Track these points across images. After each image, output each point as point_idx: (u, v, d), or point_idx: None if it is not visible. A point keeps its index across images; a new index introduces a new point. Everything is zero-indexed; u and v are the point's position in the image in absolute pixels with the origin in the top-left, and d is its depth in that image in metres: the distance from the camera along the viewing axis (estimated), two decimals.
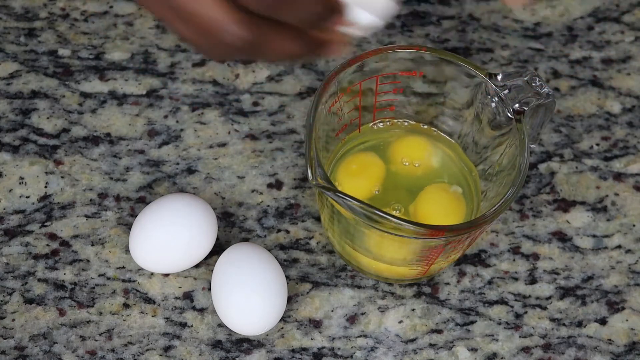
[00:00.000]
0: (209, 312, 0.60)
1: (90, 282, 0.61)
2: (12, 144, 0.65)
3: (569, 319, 0.62)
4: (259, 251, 0.59)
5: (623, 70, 0.70)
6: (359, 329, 0.60)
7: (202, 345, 0.59)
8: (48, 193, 0.64)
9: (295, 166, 0.65)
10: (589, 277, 0.63)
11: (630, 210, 0.65)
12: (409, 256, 0.58)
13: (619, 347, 0.61)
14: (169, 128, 0.66)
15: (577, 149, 0.67)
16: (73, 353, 0.59)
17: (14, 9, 0.70)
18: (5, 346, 0.59)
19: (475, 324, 0.61)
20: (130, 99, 0.67)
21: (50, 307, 0.60)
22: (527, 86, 0.58)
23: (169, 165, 0.65)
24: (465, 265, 0.63)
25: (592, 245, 0.64)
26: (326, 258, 0.62)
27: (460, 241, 0.56)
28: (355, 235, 0.58)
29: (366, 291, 0.62)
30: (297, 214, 0.64)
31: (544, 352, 0.60)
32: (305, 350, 0.60)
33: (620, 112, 0.69)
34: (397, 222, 0.53)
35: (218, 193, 0.64)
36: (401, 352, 0.60)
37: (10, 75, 0.67)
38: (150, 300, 0.61)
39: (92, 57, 0.68)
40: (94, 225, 0.63)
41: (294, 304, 0.61)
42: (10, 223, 0.62)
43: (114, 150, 0.65)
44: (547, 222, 0.64)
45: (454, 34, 0.71)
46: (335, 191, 0.53)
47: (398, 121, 0.63)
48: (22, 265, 0.61)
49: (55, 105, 0.66)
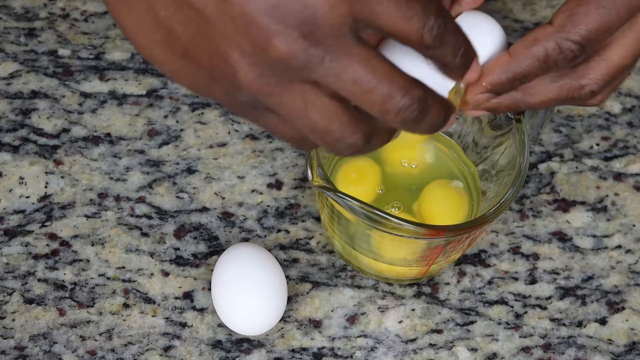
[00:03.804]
0: (209, 312, 0.60)
1: (90, 282, 0.61)
2: (12, 144, 0.65)
3: (569, 319, 0.62)
4: (259, 251, 0.59)
5: None
6: (359, 329, 0.60)
7: (202, 345, 0.59)
8: (48, 193, 0.64)
9: (295, 166, 0.65)
10: (589, 277, 0.63)
11: (630, 210, 0.65)
12: (409, 256, 0.58)
13: (619, 347, 0.61)
14: (169, 128, 0.66)
15: (577, 149, 0.67)
16: (73, 353, 0.59)
17: (14, 9, 0.70)
18: (5, 346, 0.59)
19: (475, 324, 0.61)
20: (130, 99, 0.67)
21: (50, 307, 0.60)
22: None
23: (169, 165, 0.65)
24: (465, 265, 0.63)
25: (592, 245, 0.64)
26: (326, 258, 0.62)
27: (460, 241, 0.56)
28: (355, 235, 0.58)
29: (366, 291, 0.62)
30: (297, 214, 0.64)
31: (544, 352, 0.60)
32: (305, 350, 0.60)
33: (620, 112, 0.69)
34: (397, 222, 0.53)
35: (218, 193, 0.64)
36: (401, 352, 0.60)
37: (10, 75, 0.67)
38: (150, 300, 0.61)
39: (92, 57, 0.68)
40: (94, 225, 0.63)
41: (294, 304, 0.61)
42: (10, 223, 0.62)
43: (114, 150, 0.65)
44: (547, 222, 0.64)
45: None
46: (335, 191, 0.53)
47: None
48: (22, 265, 0.61)
49: (55, 105, 0.66)
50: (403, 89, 0.42)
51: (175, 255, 0.62)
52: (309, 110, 0.42)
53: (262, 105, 0.43)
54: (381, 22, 0.41)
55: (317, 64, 0.41)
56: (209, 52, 0.42)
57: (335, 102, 0.42)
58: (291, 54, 0.40)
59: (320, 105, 0.42)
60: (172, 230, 0.63)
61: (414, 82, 0.43)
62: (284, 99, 0.42)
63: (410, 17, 0.41)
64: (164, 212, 0.63)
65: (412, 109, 0.42)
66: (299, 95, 0.42)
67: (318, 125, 0.43)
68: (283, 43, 0.40)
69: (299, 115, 0.43)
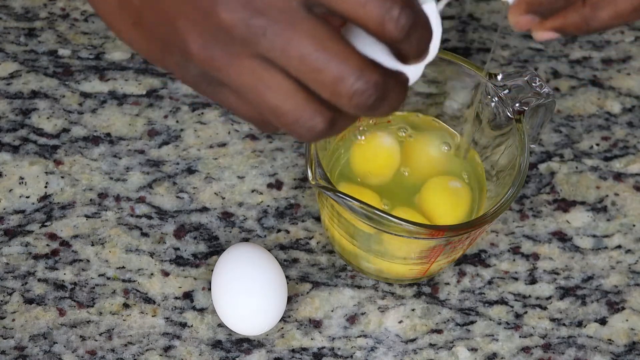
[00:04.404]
0: (209, 312, 0.60)
1: (90, 282, 0.61)
2: (12, 144, 0.65)
3: (569, 319, 0.62)
4: (259, 251, 0.59)
5: (623, 70, 0.70)
6: (359, 329, 0.60)
7: (202, 345, 0.59)
8: (48, 193, 0.64)
9: (295, 166, 0.65)
10: (589, 277, 0.63)
11: (630, 210, 0.65)
12: (409, 256, 0.58)
13: (619, 347, 0.61)
14: (169, 128, 0.66)
15: (577, 149, 0.67)
16: (73, 353, 0.59)
17: (14, 9, 0.70)
18: (5, 346, 0.59)
19: (475, 324, 0.61)
20: (130, 99, 0.67)
21: (50, 307, 0.60)
22: (527, 86, 0.58)
23: (169, 165, 0.65)
24: (465, 265, 0.63)
25: (592, 245, 0.64)
26: (326, 258, 0.62)
27: (460, 241, 0.56)
28: (355, 235, 0.58)
29: (366, 291, 0.62)
30: (297, 214, 0.64)
31: (544, 352, 0.60)
32: (305, 350, 0.60)
33: (620, 112, 0.69)
34: (397, 222, 0.53)
35: (218, 193, 0.64)
36: (401, 352, 0.60)
37: (10, 75, 0.67)
38: (150, 300, 0.61)
39: (92, 57, 0.68)
40: (94, 225, 0.63)
41: (294, 304, 0.61)
42: (10, 223, 0.62)
43: (114, 150, 0.65)
44: (547, 222, 0.64)
45: (454, 34, 0.71)
46: (335, 191, 0.53)
47: (401, 113, 0.62)
48: (22, 265, 0.61)
49: (55, 105, 0.66)
50: (357, 71, 0.38)
51: (175, 255, 0.62)
52: (261, 87, 0.39)
53: (215, 80, 0.40)
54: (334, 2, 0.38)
55: (259, 35, 0.38)
56: (158, 19, 0.40)
57: (289, 80, 0.39)
58: (232, 22, 0.38)
59: (272, 83, 0.39)
60: (172, 230, 0.63)
61: (371, 64, 0.39)
62: (232, 73, 0.39)
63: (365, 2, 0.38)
64: (164, 212, 0.63)
65: (368, 94, 0.39)
66: (249, 70, 0.39)
67: (271, 105, 0.39)
68: (224, 10, 0.38)
69: (251, 92, 0.39)
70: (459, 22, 0.71)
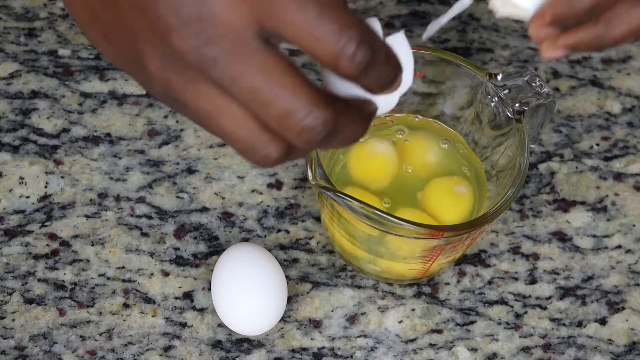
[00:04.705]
0: (209, 312, 0.60)
1: (90, 282, 0.61)
2: (12, 144, 0.65)
3: (569, 319, 0.62)
4: (259, 251, 0.59)
5: (623, 70, 0.70)
6: (359, 329, 0.60)
7: (202, 345, 0.59)
8: (48, 193, 0.64)
9: (295, 166, 0.65)
10: (589, 277, 0.63)
11: (630, 210, 0.65)
12: (409, 256, 0.58)
13: (619, 347, 0.61)
14: (169, 128, 0.66)
15: (577, 149, 0.67)
16: (73, 353, 0.59)
17: (14, 9, 0.70)
18: (5, 346, 0.59)
19: (475, 324, 0.61)
20: (130, 99, 0.67)
21: (50, 307, 0.60)
22: (527, 86, 0.58)
23: (169, 165, 0.65)
24: (465, 265, 0.63)
25: (592, 245, 0.64)
26: (326, 258, 0.62)
27: (460, 241, 0.56)
28: (355, 235, 0.58)
29: (366, 291, 0.62)
30: (297, 214, 0.64)
31: (544, 352, 0.60)
32: (305, 350, 0.60)
33: (620, 112, 0.69)
34: (397, 222, 0.53)
35: (218, 193, 0.64)
36: (401, 352, 0.60)
37: (10, 75, 0.67)
38: (150, 300, 0.61)
39: (92, 57, 0.68)
40: (94, 225, 0.63)
41: (294, 304, 0.61)
42: (10, 223, 0.62)
43: (114, 150, 0.65)
44: (547, 222, 0.64)
45: (454, 34, 0.71)
46: (335, 191, 0.53)
47: (401, 115, 0.62)
48: (22, 265, 0.61)
49: (55, 105, 0.66)
50: (308, 106, 0.38)
51: (175, 255, 0.62)
52: (215, 113, 0.39)
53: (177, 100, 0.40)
54: (289, 36, 0.38)
55: (210, 64, 0.38)
56: (123, 36, 0.40)
57: (243, 108, 0.39)
58: (185, 49, 0.38)
59: (227, 110, 0.39)
60: (172, 230, 0.63)
61: (324, 99, 0.38)
62: (188, 97, 0.39)
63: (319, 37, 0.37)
64: (164, 212, 0.63)
65: (317, 130, 0.38)
66: (204, 95, 0.39)
67: (226, 131, 0.39)
68: (177, 37, 0.38)
69: (206, 117, 0.39)
70: (459, 22, 0.71)
